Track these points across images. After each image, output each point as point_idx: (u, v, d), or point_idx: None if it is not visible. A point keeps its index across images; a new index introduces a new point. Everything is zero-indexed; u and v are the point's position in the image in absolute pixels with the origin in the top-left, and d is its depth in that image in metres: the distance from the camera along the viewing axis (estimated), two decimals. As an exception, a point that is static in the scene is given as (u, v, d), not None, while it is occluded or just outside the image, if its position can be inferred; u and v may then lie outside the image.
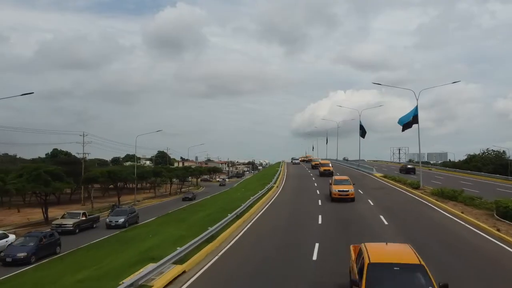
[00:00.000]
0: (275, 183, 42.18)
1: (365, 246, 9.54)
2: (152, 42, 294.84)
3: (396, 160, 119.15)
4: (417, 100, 36.30)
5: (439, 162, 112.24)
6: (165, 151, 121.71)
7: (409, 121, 36.14)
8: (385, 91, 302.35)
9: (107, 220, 32.64)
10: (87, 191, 75.94)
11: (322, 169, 50.65)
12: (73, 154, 72.51)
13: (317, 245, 16.13)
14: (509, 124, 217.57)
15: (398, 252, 9.47)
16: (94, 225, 33.53)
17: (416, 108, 35.78)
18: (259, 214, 24.86)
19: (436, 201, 27.89)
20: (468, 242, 17.20)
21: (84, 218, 32.32)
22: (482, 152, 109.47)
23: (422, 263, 8.49)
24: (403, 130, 37.06)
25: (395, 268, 8.32)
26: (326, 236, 18.43)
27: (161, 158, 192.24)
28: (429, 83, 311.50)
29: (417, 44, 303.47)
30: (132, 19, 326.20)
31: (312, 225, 20.93)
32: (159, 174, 69.21)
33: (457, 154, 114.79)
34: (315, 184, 41.37)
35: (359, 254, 9.69)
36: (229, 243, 17.65)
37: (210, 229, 17.85)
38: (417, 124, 35.79)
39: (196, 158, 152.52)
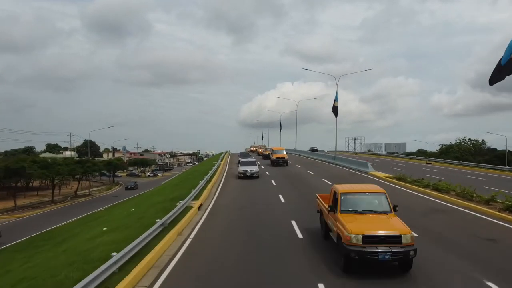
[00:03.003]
0: (195, 198, 19.56)
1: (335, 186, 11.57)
2: (92, 26, 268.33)
3: (351, 150, 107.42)
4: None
5: (401, 153, 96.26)
6: (68, 135, 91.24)
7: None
8: (331, 84, 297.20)
9: None
10: None
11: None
12: None
13: None
14: (443, 118, 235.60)
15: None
16: None
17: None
18: None
19: None
20: None
21: None
22: (459, 141, 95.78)
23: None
24: (491, 83, 15.71)
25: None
26: None
27: (89, 148, 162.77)
28: (372, 76, 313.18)
29: (362, 38, 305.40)
30: (72, 1, 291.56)
31: None
32: (19, 172, 43.18)
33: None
34: (284, 203, 19.59)
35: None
36: None
37: None
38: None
39: (124, 148, 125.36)
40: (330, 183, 26.51)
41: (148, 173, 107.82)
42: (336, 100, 41.00)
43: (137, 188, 63.81)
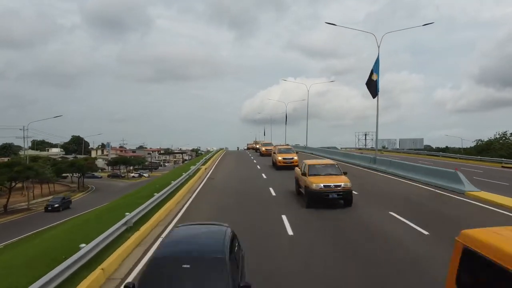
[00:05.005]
0: None
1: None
2: (93, 22, 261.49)
3: (362, 147, 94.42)
4: None
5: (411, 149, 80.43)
6: (23, 129, 76.17)
7: None
8: (334, 79, 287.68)
9: None
10: None
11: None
12: None
13: None
14: (446, 113, 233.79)
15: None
16: None
17: None
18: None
19: None
20: None
21: None
22: (499, 136, 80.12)
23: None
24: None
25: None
26: None
27: (77, 145, 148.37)
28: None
29: (365, 33, 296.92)
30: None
31: None
32: None
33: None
34: None
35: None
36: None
37: None
38: None
39: (108, 144, 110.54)
40: (425, 232, 11.27)
41: (133, 174, 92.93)
42: (375, 72, 27.26)
43: (69, 207, 44.62)
